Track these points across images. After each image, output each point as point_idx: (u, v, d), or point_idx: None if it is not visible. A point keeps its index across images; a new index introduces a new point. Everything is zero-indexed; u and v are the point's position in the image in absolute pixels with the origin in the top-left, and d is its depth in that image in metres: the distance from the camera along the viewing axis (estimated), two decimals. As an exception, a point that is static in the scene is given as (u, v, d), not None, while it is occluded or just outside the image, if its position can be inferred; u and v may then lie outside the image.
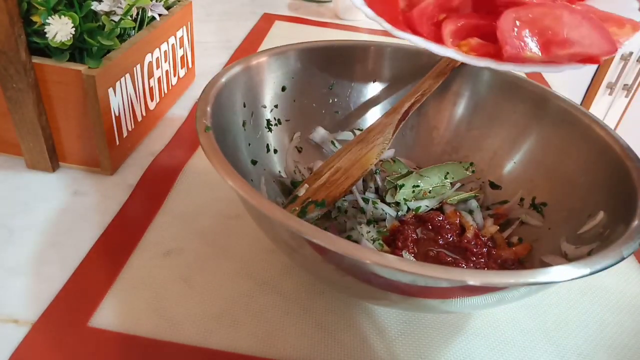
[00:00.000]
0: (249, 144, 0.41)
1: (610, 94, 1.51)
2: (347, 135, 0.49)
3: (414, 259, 0.37)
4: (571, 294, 0.40)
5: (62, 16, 0.38)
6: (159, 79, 0.53)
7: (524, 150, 0.44)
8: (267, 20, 0.90)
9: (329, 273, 0.31)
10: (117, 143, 0.46)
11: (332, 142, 0.48)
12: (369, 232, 0.40)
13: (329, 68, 0.47)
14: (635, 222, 0.29)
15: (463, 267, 0.36)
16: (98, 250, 0.38)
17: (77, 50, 0.42)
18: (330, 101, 0.48)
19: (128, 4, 0.42)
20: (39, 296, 0.34)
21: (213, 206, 0.44)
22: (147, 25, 0.50)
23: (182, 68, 0.60)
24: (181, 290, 0.36)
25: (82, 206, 0.43)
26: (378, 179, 0.45)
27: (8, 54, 0.38)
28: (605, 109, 1.55)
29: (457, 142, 0.48)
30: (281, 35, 0.80)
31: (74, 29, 0.38)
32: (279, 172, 0.44)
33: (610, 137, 0.37)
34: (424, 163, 0.48)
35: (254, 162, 0.41)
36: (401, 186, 0.43)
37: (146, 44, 0.48)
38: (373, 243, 0.38)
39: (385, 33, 0.85)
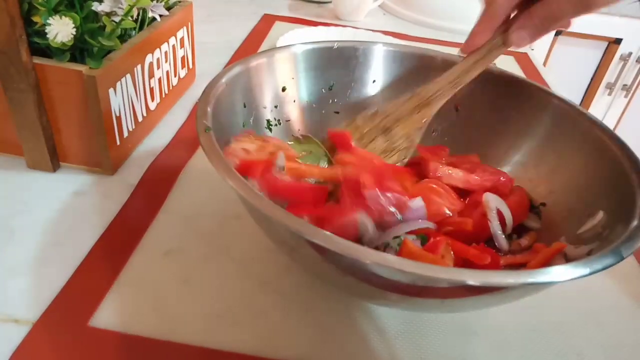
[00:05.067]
0: (249, 144, 0.41)
1: (609, 94, 1.51)
2: None
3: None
4: (571, 293, 0.40)
5: (63, 17, 0.38)
6: (159, 79, 0.53)
7: (523, 150, 0.44)
8: (267, 21, 0.90)
9: (329, 273, 0.31)
10: (118, 143, 0.46)
11: None
12: None
13: (329, 68, 0.47)
14: (635, 222, 0.29)
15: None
16: (99, 250, 0.38)
17: (78, 50, 0.42)
18: (330, 101, 0.48)
19: (129, 5, 0.42)
20: (40, 296, 0.34)
21: (213, 206, 0.44)
22: (147, 25, 0.50)
23: (182, 68, 0.60)
24: (181, 290, 0.36)
25: (82, 206, 0.43)
26: None
27: (9, 55, 0.38)
28: (605, 109, 1.55)
29: (457, 144, 0.48)
30: (281, 36, 0.80)
31: (74, 29, 0.39)
32: (279, 172, 0.44)
33: (610, 138, 0.37)
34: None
35: (254, 163, 0.41)
36: None
37: (147, 45, 0.49)
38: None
39: (385, 33, 0.85)
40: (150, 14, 0.48)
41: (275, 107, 0.45)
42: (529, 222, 0.40)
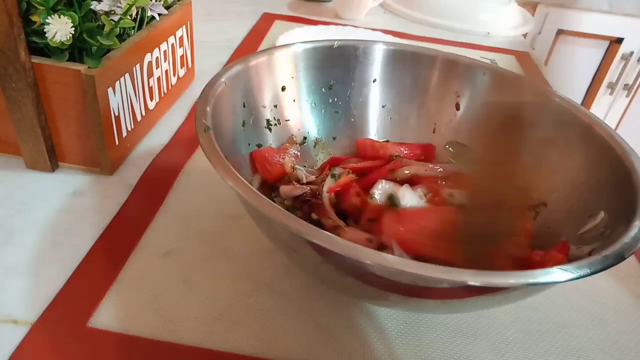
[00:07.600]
0: (249, 144, 0.41)
1: (610, 93, 1.51)
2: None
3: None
4: (572, 293, 0.40)
5: (62, 16, 0.38)
6: (158, 78, 0.53)
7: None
8: (267, 20, 0.90)
9: (329, 273, 0.31)
10: (117, 143, 0.46)
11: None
12: None
13: (329, 68, 0.47)
14: (636, 222, 0.29)
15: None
16: (97, 250, 0.38)
17: (77, 49, 0.42)
18: (330, 101, 0.48)
19: (127, 4, 0.42)
20: (38, 296, 0.34)
21: (213, 206, 0.44)
22: (146, 24, 0.50)
23: (181, 68, 0.59)
24: (181, 290, 0.36)
25: (81, 206, 0.42)
26: None
27: (7, 54, 0.38)
28: (606, 109, 1.55)
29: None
30: (281, 34, 0.80)
31: (73, 28, 0.38)
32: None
33: (611, 137, 0.37)
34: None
35: (253, 162, 0.41)
36: None
37: (146, 44, 0.48)
38: None
39: (385, 32, 0.85)
40: (149, 13, 0.48)
41: (275, 106, 0.44)
42: None
